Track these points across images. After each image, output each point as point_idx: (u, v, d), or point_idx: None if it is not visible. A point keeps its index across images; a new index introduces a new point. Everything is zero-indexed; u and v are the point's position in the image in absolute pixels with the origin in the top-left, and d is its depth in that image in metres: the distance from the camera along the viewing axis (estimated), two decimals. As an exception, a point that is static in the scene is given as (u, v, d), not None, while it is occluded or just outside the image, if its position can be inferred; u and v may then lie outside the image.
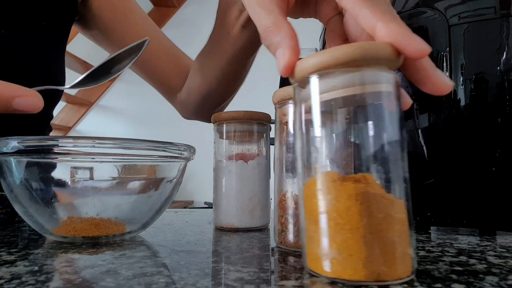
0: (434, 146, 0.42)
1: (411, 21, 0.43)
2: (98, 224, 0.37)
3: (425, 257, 0.30)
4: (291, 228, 0.34)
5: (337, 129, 0.25)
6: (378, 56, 0.23)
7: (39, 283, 0.23)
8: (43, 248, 0.34)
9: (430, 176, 0.42)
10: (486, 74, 0.39)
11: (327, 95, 0.25)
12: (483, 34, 0.40)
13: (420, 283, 0.23)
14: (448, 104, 0.41)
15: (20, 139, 0.34)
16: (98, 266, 0.27)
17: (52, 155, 0.35)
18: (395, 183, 0.24)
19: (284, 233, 0.34)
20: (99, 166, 0.37)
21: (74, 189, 0.37)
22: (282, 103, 0.35)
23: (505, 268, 0.27)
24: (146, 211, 0.39)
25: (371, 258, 0.22)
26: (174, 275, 0.25)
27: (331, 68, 0.23)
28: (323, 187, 0.24)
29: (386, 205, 0.23)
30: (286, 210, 0.34)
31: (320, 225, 0.24)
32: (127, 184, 0.39)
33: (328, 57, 0.23)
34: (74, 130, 2.84)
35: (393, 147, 0.24)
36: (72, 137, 0.36)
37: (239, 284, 0.23)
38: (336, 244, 0.23)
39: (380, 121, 0.24)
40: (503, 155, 0.38)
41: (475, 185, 0.40)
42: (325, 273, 0.23)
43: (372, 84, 0.24)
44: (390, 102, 0.24)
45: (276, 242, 0.35)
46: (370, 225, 0.22)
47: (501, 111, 0.39)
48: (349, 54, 0.23)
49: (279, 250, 0.33)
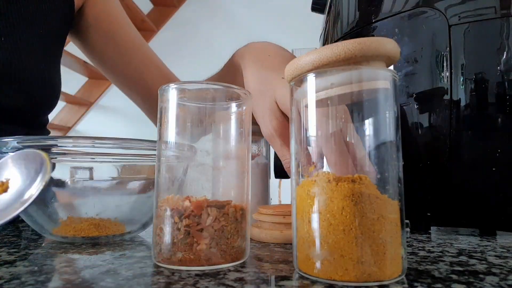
0: (434, 146, 0.42)
1: (411, 21, 0.43)
2: (98, 224, 0.37)
3: (425, 257, 0.30)
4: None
5: (333, 128, 0.25)
6: (378, 52, 0.23)
7: (39, 283, 0.23)
8: (43, 248, 0.34)
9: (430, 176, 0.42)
10: (486, 74, 0.39)
11: (324, 93, 0.24)
12: (483, 34, 0.40)
13: (420, 283, 0.23)
14: (448, 104, 0.41)
15: (19, 139, 0.34)
16: (98, 266, 0.27)
17: (52, 155, 0.35)
18: (389, 183, 0.24)
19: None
20: (99, 166, 0.37)
21: (73, 189, 0.37)
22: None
23: (505, 268, 0.26)
24: (146, 211, 0.39)
25: (362, 259, 0.22)
26: (174, 275, 0.25)
27: (330, 65, 0.23)
28: (318, 187, 0.24)
29: (380, 206, 0.23)
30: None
31: (313, 226, 0.24)
32: (127, 184, 0.39)
33: (328, 54, 0.23)
34: (74, 130, 2.83)
35: (388, 147, 0.24)
36: (72, 137, 0.36)
37: (239, 284, 0.23)
38: (328, 245, 0.23)
39: (376, 120, 0.24)
40: (503, 155, 0.38)
41: (475, 185, 0.40)
42: (316, 274, 0.23)
43: (370, 81, 0.24)
44: (387, 99, 0.24)
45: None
46: (363, 225, 0.22)
47: (501, 111, 0.39)
48: (350, 49, 0.22)
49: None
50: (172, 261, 0.26)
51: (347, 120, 0.24)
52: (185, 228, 0.26)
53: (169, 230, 0.26)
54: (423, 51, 0.42)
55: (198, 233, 0.26)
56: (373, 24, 0.47)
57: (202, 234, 0.26)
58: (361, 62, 0.23)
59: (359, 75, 0.24)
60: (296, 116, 0.26)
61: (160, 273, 0.25)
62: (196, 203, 0.26)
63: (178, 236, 0.26)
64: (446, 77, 0.41)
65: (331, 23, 0.56)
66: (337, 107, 0.24)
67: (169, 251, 0.26)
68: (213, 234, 0.26)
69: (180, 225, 0.26)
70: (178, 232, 0.26)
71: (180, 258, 0.26)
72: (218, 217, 0.27)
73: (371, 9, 0.47)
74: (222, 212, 0.27)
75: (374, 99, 0.24)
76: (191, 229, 0.26)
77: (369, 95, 0.24)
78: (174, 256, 0.26)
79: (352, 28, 0.50)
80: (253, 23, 2.28)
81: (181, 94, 0.29)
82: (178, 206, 0.27)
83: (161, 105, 0.29)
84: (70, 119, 2.80)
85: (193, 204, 0.26)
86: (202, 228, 0.26)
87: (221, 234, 0.27)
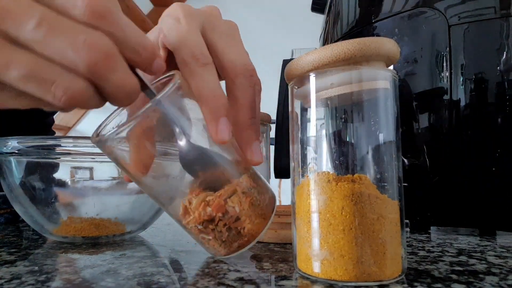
0: (434, 146, 0.42)
1: (411, 21, 0.43)
2: (98, 224, 0.37)
3: (425, 257, 0.30)
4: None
5: (333, 128, 0.25)
6: (378, 52, 0.23)
7: (39, 283, 0.23)
8: (43, 248, 0.34)
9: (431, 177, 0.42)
10: (486, 74, 0.39)
11: (324, 93, 0.24)
12: (483, 34, 0.40)
13: (419, 283, 0.23)
14: (448, 104, 0.41)
15: (20, 139, 0.34)
16: (98, 266, 0.27)
17: (52, 155, 0.35)
18: (389, 183, 0.24)
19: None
20: (99, 166, 0.37)
21: (74, 189, 0.37)
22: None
23: (505, 268, 0.27)
24: (146, 211, 0.39)
25: (362, 259, 0.22)
26: (174, 275, 0.25)
27: (330, 65, 0.23)
28: (318, 187, 0.24)
29: (380, 206, 0.23)
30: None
31: (313, 226, 0.24)
32: (127, 184, 0.39)
33: (328, 54, 0.23)
34: (74, 130, 2.84)
35: (388, 147, 0.24)
36: (72, 137, 0.36)
37: (239, 284, 0.23)
38: (328, 244, 0.23)
39: (376, 121, 0.24)
40: (503, 155, 0.38)
41: (475, 185, 0.40)
42: (316, 274, 0.23)
43: (370, 81, 0.24)
44: (387, 99, 0.24)
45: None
46: (363, 225, 0.22)
47: (501, 111, 0.39)
48: (350, 49, 0.22)
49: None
50: (232, 251, 0.27)
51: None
52: (224, 227, 0.26)
53: (212, 236, 0.27)
54: (423, 51, 0.42)
55: (238, 223, 0.26)
56: (373, 24, 0.47)
57: (241, 220, 0.26)
58: (361, 62, 0.23)
59: (359, 75, 0.24)
60: (295, 116, 0.26)
61: (160, 273, 0.25)
62: (216, 205, 0.26)
63: (223, 235, 0.26)
64: (446, 77, 0.41)
65: (331, 23, 0.56)
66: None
67: (224, 248, 0.27)
68: (248, 212, 0.26)
69: (219, 228, 0.26)
70: (221, 233, 0.26)
71: (237, 245, 0.27)
72: (242, 199, 0.26)
73: (371, 9, 0.47)
74: (241, 192, 0.27)
75: (374, 99, 0.24)
76: (230, 225, 0.26)
77: (369, 95, 0.24)
78: (231, 247, 0.27)
79: (352, 28, 0.50)
80: (253, 23, 2.28)
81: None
82: (204, 217, 0.26)
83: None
84: (71, 119, 2.80)
85: (214, 207, 0.26)
86: (237, 216, 0.26)
87: (253, 206, 0.27)
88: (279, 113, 0.50)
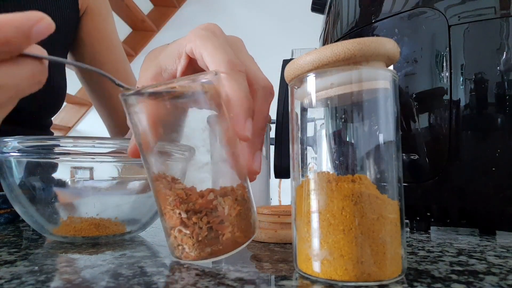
0: (434, 146, 0.42)
1: (411, 21, 0.43)
2: (98, 224, 0.37)
3: (425, 257, 0.30)
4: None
5: (333, 128, 0.25)
6: (378, 52, 0.23)
7: (39, 283, 0.23)
8: (43, 248, 0.34)
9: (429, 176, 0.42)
10: (486, 74, 0.39)
11: (324, 93, 0.24)
12: (483, 34, 0.40)
13: (419, 283, 0.23)
14: (448, 104, 0.41)
15: (20, 139, 0.34)
16: (98, 266, 0.27)
17: (52, 155, 0.35)
18: (389, 183, 0.24)
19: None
20: (99, 166, 0.37)
21: (74, 189, 0.37)
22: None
23: (505, 268, 0.27)
24: (146, 211, 0.39)
25: (362, 259, 0.22)
26: (174, 275, 0.25)
27: (330, 65, 0.23)
28: (318, 187, 0.24)
29: (380, 206, 0.23)
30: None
31: (313, 226, 0.24)
32: (127, 184, 0.39)
33: (328, 54, 0.23)
34: (74, 130, 2.84)
35: (388, 147, 0.24)
36: (72, 137, 0.36)
37: (239, 284, 0.23)
38: (327, 244, 0.23)
39: (376, 121, 0.24)
40: (503, 155, 0.38)
41: (475, 185, 0.40)
42: (316, 274, 0.23)
43: (370, 81, 0.24)
44: (387, 99, 0.24)
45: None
46: (363, 225, 0.22)
47: (501, 111, 0.39)
48: (349, 49, 0.22)
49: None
50: (201, 256, 0.26)
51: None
52: (206, 225, 0.26)
53: (190, 231, 0.26)
54: (423, 51, 0.42)
55: (220, 226, 0.26)
56: (373, 24, 0.47)
57: (224, 225, 0.26)
58: (360, 62, 0.23)
59: (359, 75, 0.24)
60: (295, 116, 0.26)
61: (160, 273, 0.25)
62: (206, 199, 0.26)
63: (202, 234, 0.26)
64: (445, 77, 0.41)
65: (331, 23, 0.56)
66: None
67: (196, 249, 0.26)
68: (233, 221, 0.27)
69: (201, 223, 0.26)
70: (200, 230, 0.26)
71: (210, 252, 0.26)
72: (233, 205, 0.27)
73: (371, 9, 0.47)
74: (234, 198, 0.27)
75: (374, 99, 0.24)
76: (213, 225, 0.26)
77: (369, 95, 0.24)
78: (203, 251, 0.26)
79: (352, 28, 0.50)
80: (253, 23, 2.28)
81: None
82: (191, 207, 0.26)
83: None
84: (70, 119, 2.80)
85: (204, 200, 0.26)
86: (222, 219, 0.26)
87: (240, 217, 0.27)
88: (279, 113, 0.50)
